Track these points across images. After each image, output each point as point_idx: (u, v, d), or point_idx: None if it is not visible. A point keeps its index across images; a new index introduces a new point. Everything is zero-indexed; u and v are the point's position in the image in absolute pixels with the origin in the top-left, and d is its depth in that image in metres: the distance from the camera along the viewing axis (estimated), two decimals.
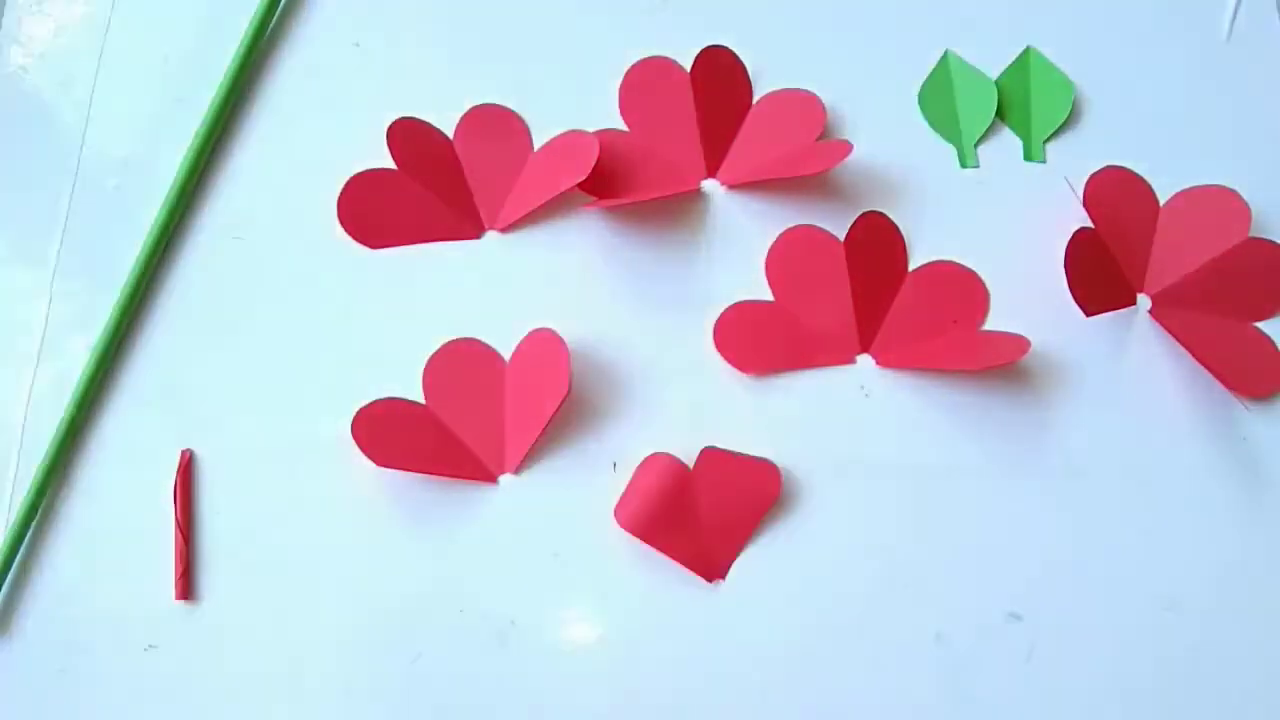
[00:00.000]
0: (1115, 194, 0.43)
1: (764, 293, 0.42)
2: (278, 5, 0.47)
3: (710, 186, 0.45)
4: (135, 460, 0.40)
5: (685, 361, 0.41)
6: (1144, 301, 0.43)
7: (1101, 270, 0.42)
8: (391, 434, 0.39)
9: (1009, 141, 0.45)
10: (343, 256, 0.43)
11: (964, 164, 0.45)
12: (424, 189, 0.44)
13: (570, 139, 0.44)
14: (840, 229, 0.43)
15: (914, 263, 0.43)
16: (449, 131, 0.45)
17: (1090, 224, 0.42)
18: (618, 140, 0.44)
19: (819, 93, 0.45)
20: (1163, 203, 0.43)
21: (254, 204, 0.44)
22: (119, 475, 0.40)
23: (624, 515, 0.38)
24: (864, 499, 0.40)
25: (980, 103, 0.45)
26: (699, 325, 0.42)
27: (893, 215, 0.43)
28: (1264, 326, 0.42)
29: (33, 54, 0.47)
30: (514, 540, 0.39)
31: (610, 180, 0.44)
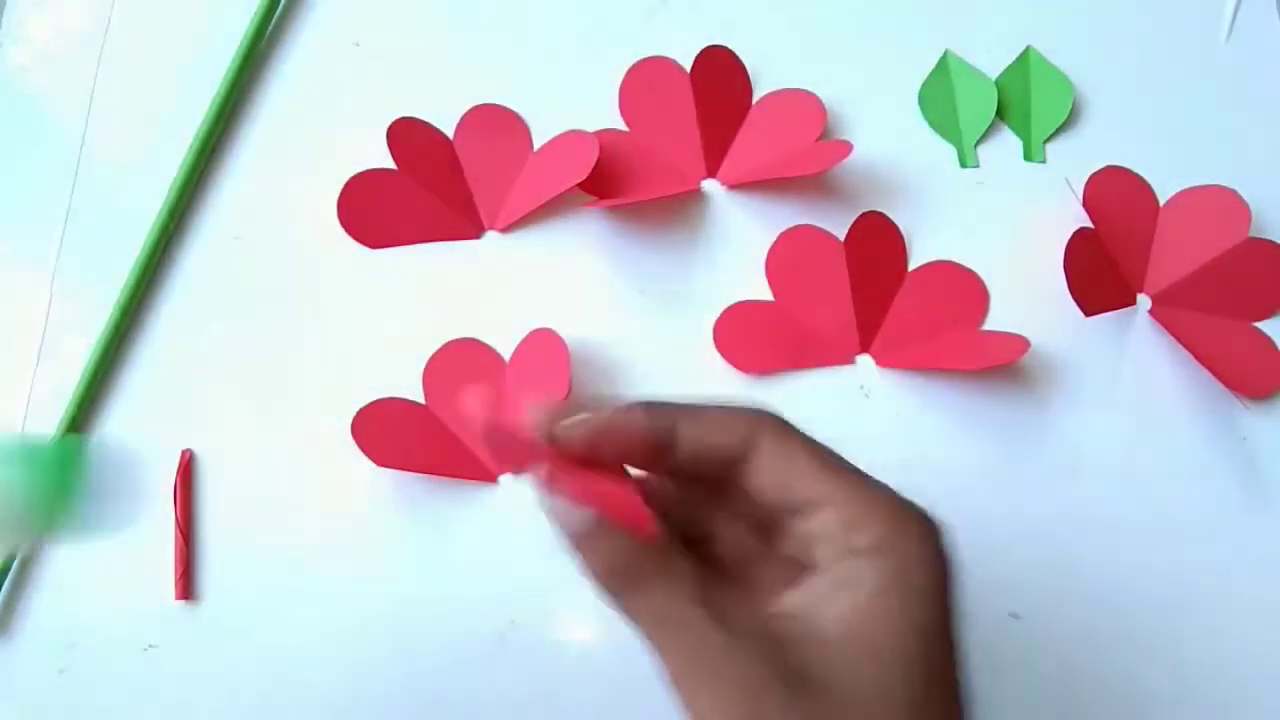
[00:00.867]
0: (1115, 194, 0.43)
1: (764, 293, 0.42)
2: (278, 5, 0.47)
3: (710, 186, 0.45)
4: (135, 460, 0.40)
5: (685, 361, 0.41)
6: (1144, 301, 0.43)
7: (1101, 270, 0.42)
8: (391, 434, 0.39)
9: (1009, 141, 0.45)
10: (343, 256, 0.43)
11: (964, 164, 0.45)
12: (424, 189, 0.44)
13: (570, 139, 0.44)
14: (840, 229, 0.43)
15: (914, 263, 0.43)
16: (449, 131, 0.45)
17: (1090, 224, 0.42)
18: (618, 140, 0.44)
19: (819, 93, 0.45)
20: (1163, 203, 0.44)
21: (254, 204, 0.44)
22: (119, 475, 0.40)
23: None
24: None
25: (980, 103, 0.45)
26: (699, 325, 0.42)
27: (893, 215, 0.43)
28: (1264, 326, 0.42)
29: (33, 54, 0.47)
30: (514, 540, 0.39)
31: (610, 180, 0.44)
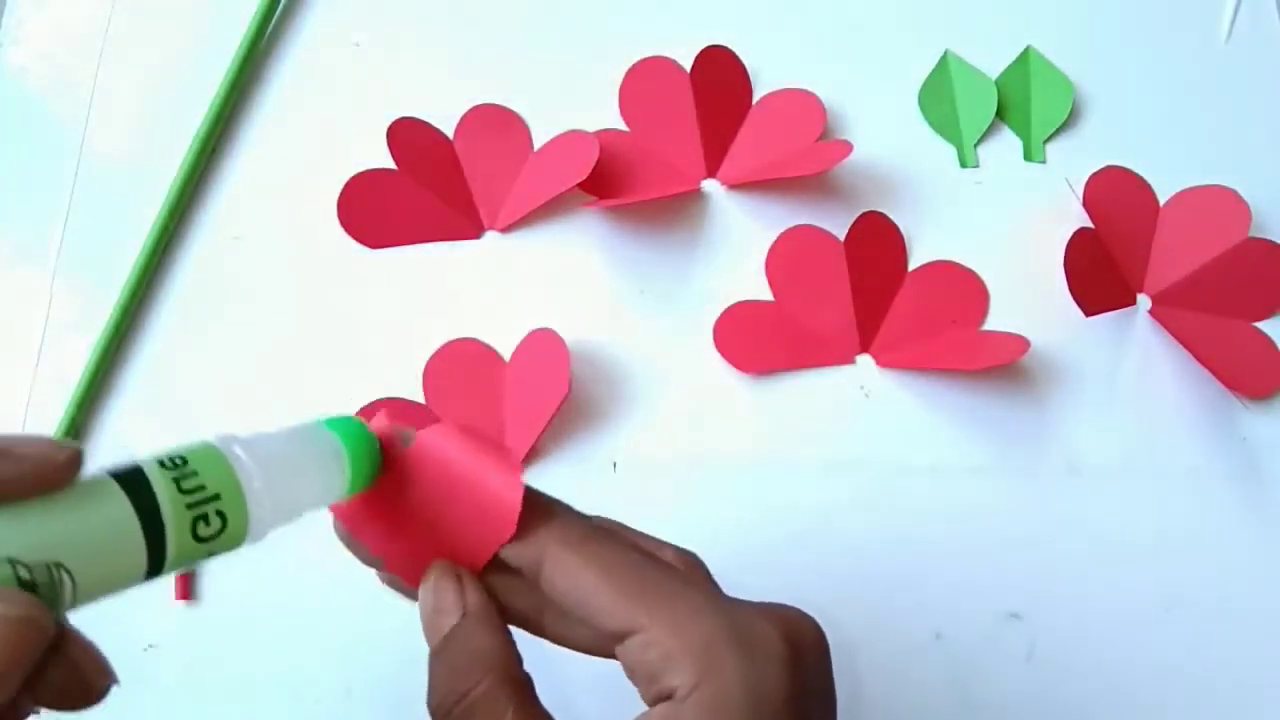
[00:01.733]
0: (1115, 194, 0.43)
1: (764, 293, 0.42)
2: (278, 5, 0.47)
3: (710, 186, 0.45)
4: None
5: (685, 361, 0.41)
6: (1144, 301, 0.43)
7: (1101, 270, 0.42)
8: None
9: (1009, 141, 0.45)
10: (343, 256, 0.43)
11: (964, 164, 0.45)
12: (424, 189, 0.44)
13: (570, 139, 0.44)
14: (840, 229, 0.43)
15: (914, 263, 0.43)
16: (449, 131, 0.45)
17: (1090, 224, 0.42)
18: (618, 140, 0.44)
19: (819, 93, 0.45)
20: (1163, 203, 0.43)
21: (254, 204, 0.44)
22: None
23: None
24: (864, 499, 0.40)
25: (980, 103, 0.45)
26: (699, 325, 0.42)
27: (893, 215, 0.43)
28: (1264, 326, 0.42)
29: (33, 54, 0.47)
30: None
31: (610, 180, 0.44)
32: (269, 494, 0.21)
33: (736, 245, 0.43)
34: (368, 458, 0.23)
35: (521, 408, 0.40)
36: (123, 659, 0.19)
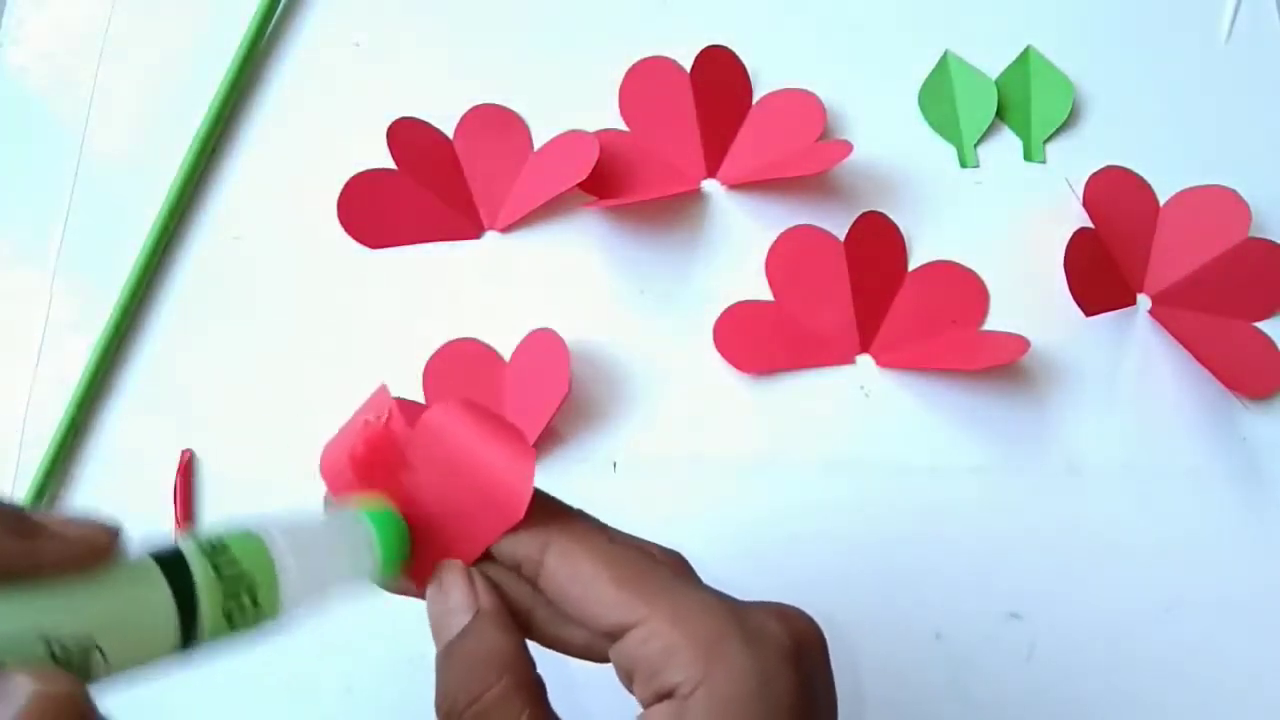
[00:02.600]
0: (1115, 194, 0.43)
1: (764, 293, 0.42)
2: (278, 5, 0.47)
3: (710, 186, 0.45)
4: (135, 460, 0.40)
5: (685, 361, 0.41)
6: (1144, 301, 0.43)
7: (1101, 270, 0.42)
8: None
9: (1009, 141, 0.45)
10: (343, 256, 0.43)
11: (964, 164, 0.45)
12: (424, 189, 0.44)
13: (570, 139, 0.44)
14: (840, 229, 0.43)
15: (914, 263, 0.43)
16: (449, 131, 0.45)
17: (1090, 224, 0.42)
18: (618, 140, 0.44)
19: (819, 93, 0.45)
20: (1163, 203, 0.43)
21: (254, 204, 0.44)
22: (119, 475, 0.40)
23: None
24: (864, 499, 0.40)
25: (980, 103, 0.45)
26: (699, 325, 0.42)
27: (893, 215, 0.43)
28: (1264, 326, 0.42)
29: (33, 54, 0.47)
30: None
31: (610, 180, 0.44)
32: (302, 580, 0.21)
33: (736, 245, 0.43)
34: (397, 543, 0.23)
35: (521, 408, 0.40)
36: None
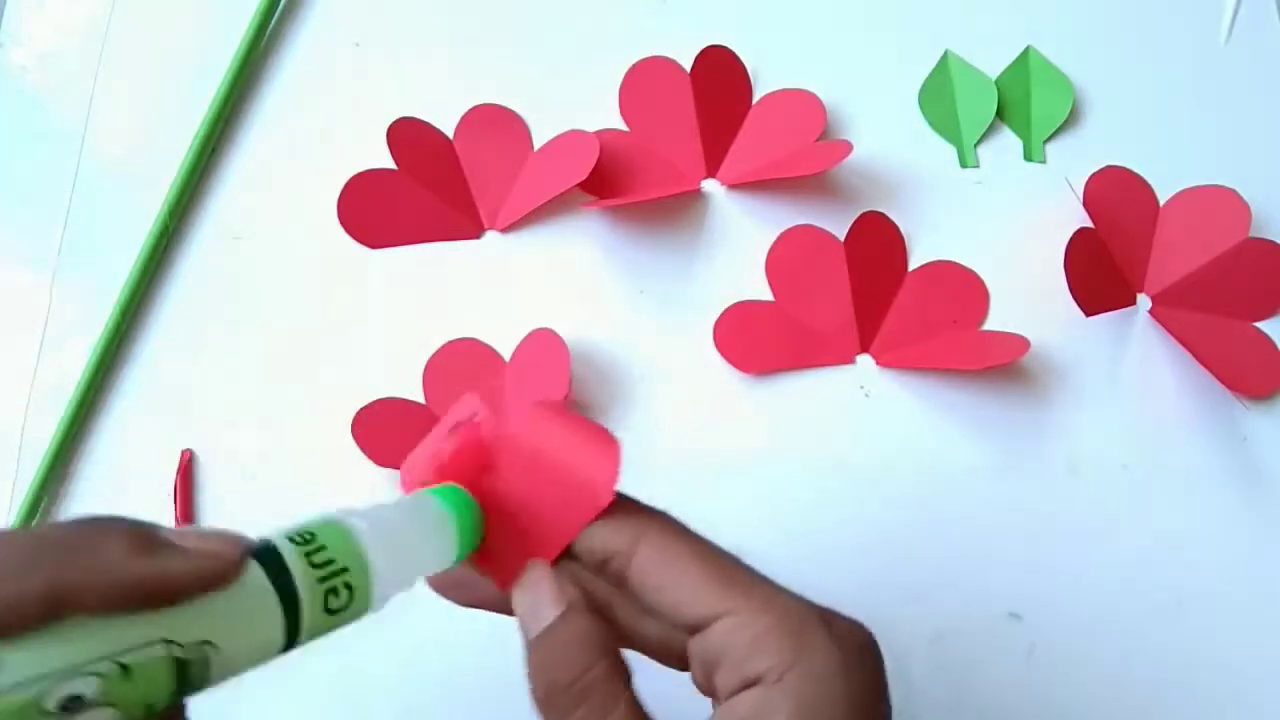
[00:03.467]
0: (1115, 194, 0.43)
1: (764, 293, 0.42)
2: (278, 5, 0.47)
3: (710, 186, 0.45)
4: (135, 460, 0.40)
5: (685, 361, 0.41)
6: (1144, 301, 0.43)
7: (1101, 270, 0.42)
8: (391, 434, 0.39)
9: (1009, 141, 0.45)
10: (343, 256, 0.43)
11: (964, 164, 0.45)
12: (424, 189, 0.44)
13: (570, 139, 0.44)
14: (840, 229, 0.43)
15: (914, 263, 0.43)
16: (449, 131, 0.45)
17: (1090, 224, 0.42)
18: (618, 140, 0.44)
19: (819, 93, 0.45)
20: (1163, 203, 0.44)
21: (254, 204, 0.44)
22: (119, 475, 0.40)
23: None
24: (863, 499, 0.40)
25: (980, 103, 0.45)
26: (699, 325, 0.42)
27: (893, 215, 0.43)
28: (1264, 326, 0.42)
29: (33, 54, 0.47)
30: None
31: (610, 180, 0.44)
32: (389, 564, 0.21)
33: (736, 245, 0.43)
34: (473, 523, 0.23)
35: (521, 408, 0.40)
36: None
